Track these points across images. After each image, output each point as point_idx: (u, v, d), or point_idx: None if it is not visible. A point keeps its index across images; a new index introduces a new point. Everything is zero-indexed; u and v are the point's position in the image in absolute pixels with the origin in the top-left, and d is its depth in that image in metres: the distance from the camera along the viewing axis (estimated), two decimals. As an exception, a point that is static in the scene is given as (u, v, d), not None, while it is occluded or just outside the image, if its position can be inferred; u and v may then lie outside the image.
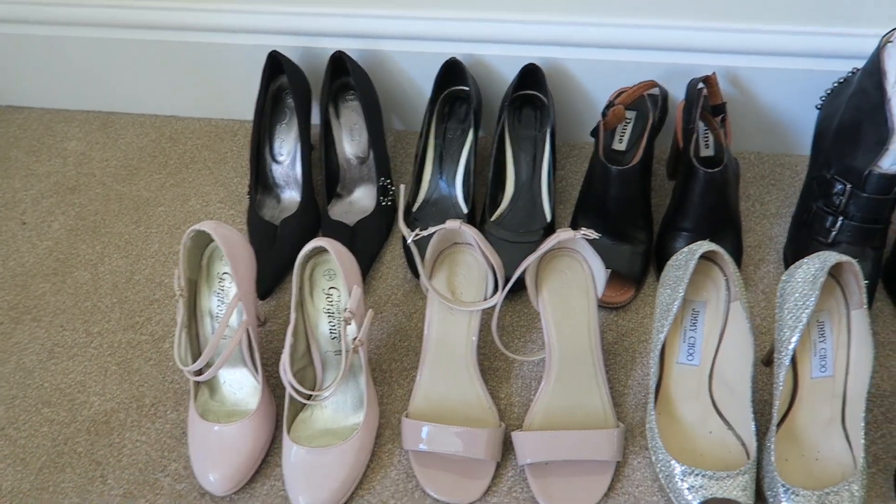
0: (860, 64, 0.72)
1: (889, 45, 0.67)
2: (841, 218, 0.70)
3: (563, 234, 0.63)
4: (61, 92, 1.02)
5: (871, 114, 0.67)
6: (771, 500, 0.58)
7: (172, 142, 0.98)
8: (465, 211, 0.81)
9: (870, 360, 0.58)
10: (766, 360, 0.67)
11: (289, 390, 0.65)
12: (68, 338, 0.80)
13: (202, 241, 0.70)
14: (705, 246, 0.59)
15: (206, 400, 0.71)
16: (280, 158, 0.88)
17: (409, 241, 0.67)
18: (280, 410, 0.69)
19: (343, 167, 0.86)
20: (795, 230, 0.77)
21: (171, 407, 0.74)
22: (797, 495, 0.56)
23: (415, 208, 0.83)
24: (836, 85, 0.75)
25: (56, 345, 0.79)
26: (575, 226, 0.80)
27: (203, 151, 0.97)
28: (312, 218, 0.84)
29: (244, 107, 0.97)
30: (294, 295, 0.67)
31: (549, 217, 0.80)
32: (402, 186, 0.74)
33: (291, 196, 0.86)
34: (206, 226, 0.67)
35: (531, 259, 0.65)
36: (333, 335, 0.69)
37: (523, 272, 0.67)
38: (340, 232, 0.81)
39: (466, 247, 0.71)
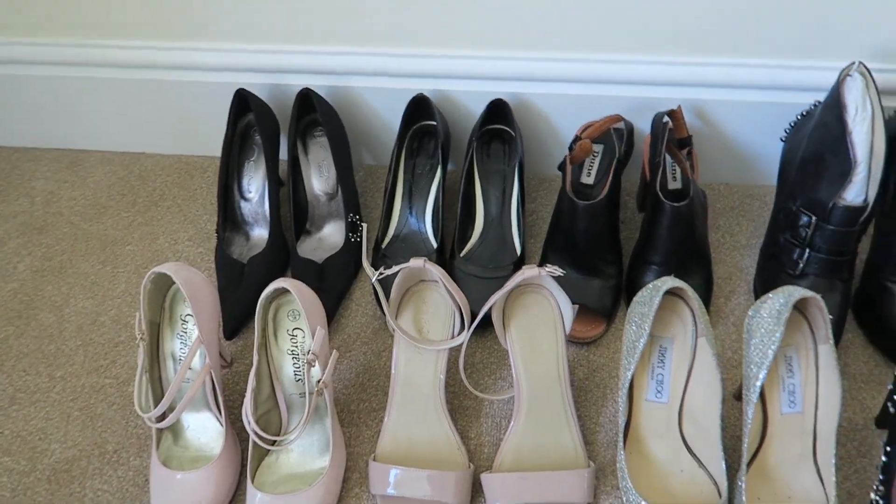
0: (822, 96, 0.72)
1: (848, 78, 0.68)
2: (808, 250, 0.69)
3: (527, 272, 0.63)
4: (28, 130, 1.01)
5: (832, 146, 0.68)
6: (744, 540, 0.57)
7: (142, 179, 0.97)
8: (435, 246, 0.81)
9: (838, 395, 0.57)
10: (737, 395, 0.67)
11: (252, 437, 0.63)
12: (31, 383, 0.78)
13: (164, 283, 0.69)
14: (669, 282, 0.59)
15: (170, 446, 0.69)
16: (248, 195, 0.87)
17: (372, 280, 0.66)
18: (246, 455, 0.68)
19: (312, 203, 0.86)
20: (764, 261, 0.76)
21: (134, 453, 0.72)
22: (770, 536, 0.55)
23: (384, 244, 0.82)
24: (799, 117, 0.75)
25: (18, 390, 0.77)
26: (544, 260, 0.80)
27: (172, 189, 0.96)
28: (281, 255, 0.83)
29: (213, 143, 0.96)
30: (257, 336, 0.66)
31: (518, 251, 0.80)
32: (364, 225, 0.73)
33: (260, 234, 0.85)
34: (166, 268, 0.66)
35: (496, 297, 0.65)
36: (298, 377, 0.68)
37: (489, 309, 0.66)
38: (308, 269, 0.80)
39: (433, 284, 0.70)
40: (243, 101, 0.84)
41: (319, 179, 0.86)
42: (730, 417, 0.66)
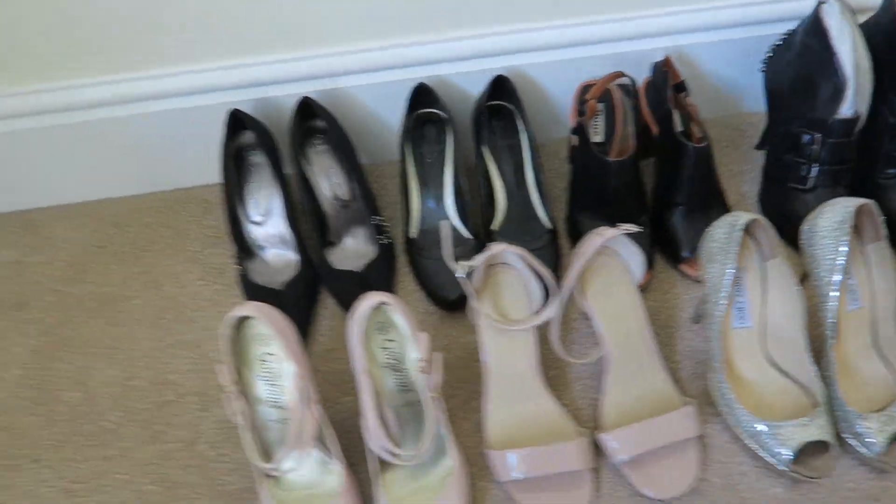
0: (792, 26, 0.80)
1: (823, 5, 0.75)
2: (815, 165, 0.77)
3: (607, 233, 0.66)
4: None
5: (820, 68, 0.75)
6: (846, 430, 0.64)
7: (117, 227, 0.89)
8: (465, 232, 0.81)
9: (892, 286, 0.65)
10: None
11: (385, 456, 0.62)
12: (84, 470, 0.71)
13: (239, 327, 0.65)
14: (744, 217, 0.64)
15: (275, 492, 0.66)
16: (257, 219, 0.82)
17: (461, 275, 0.66)
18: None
19: (329, 214, 0.83)
20: (768, 183, 0.84)
21: (232, 512, 0.68)
22: (867, 420, 0.62)
23: (415, 238, 0.81)
24: (775, 47, 0.82)
25: (72, 482, 0.70)
26: (574, 221, 0.83)
27: (157, 230, 0.88)
28: (312, 272, 0.81)
29: (184, 174, 0.90)
30: (360, 357, 0.64)
31: (546, 220, 0.82)
32: (445, 223, 0.71)
33: (279, 255, 0.82)
34: (245, 310, 0.62)
35: (579, 264, 0.67)
36: (405, 388, 0.67)
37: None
38: (350, 280, 0.78)
39: (502, 266, 0.71)
40: (238, 122, 0.79)
41: (331, 188, 0.83)
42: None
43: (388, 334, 0.67)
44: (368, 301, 0.63)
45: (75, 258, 0.86)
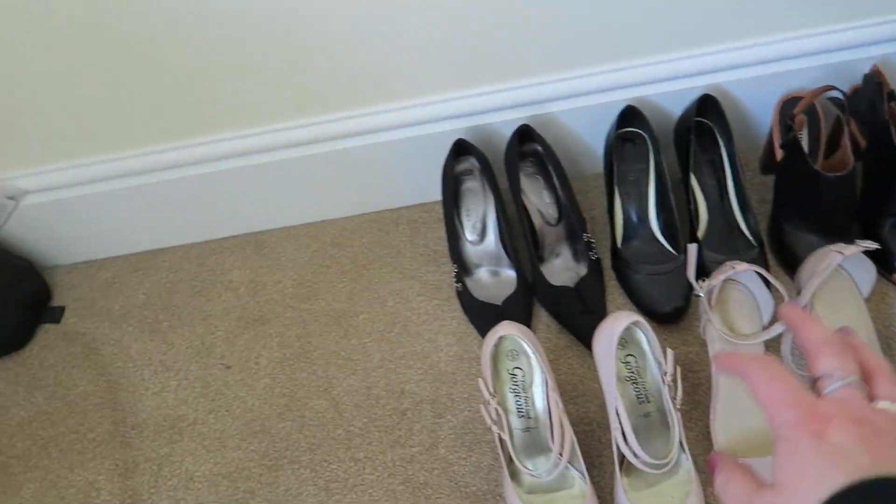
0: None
1: None
2: None
3: (847, 250, 0.67)
4: (202, 224, 0.99)
5: None
6: None
7: (337, 247, 0.97)
8: (670, 248, 0.84)
9: None
10: None
11: (636, 463, 0.66)
12: (338, 471, 0.79)
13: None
14: None
15: (521, 495, 0.71)
16: (472, 238, 0.88)
17: (700, 293, 0.70)
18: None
19: (540, 233, 0.88)
20: None
21: (478, 511, 0.74)
22: None
23: (624, 253, 0.85)
24: None
25: (329, 481, 0.78)
26: (781, 234, 0.84)
27: (374, 249, 0.96)
28: (528, 288, 0.86)
29: (396, 196, 0.98)
30: (611, 370, 0.68)
31: (749, 234, 0.84)
32: (693, 247, 0.75)
33: (493, 272, 0.87)
34: (507, 330, 0.68)
35: (818, 281, 0.69)
36: (640, 399, 0.71)
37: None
38: (566, 295, 0.83)
39: (730, 282, 0.74)
40: (460, 149, 0.85)
41: (543, 208, 0.88)
42: None
43: (628, 349, 0.71)
44: (622, 320, 0.67)
45: (303, 277, 0.95)
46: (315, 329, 0.90)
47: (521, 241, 0.88)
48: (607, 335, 0.67)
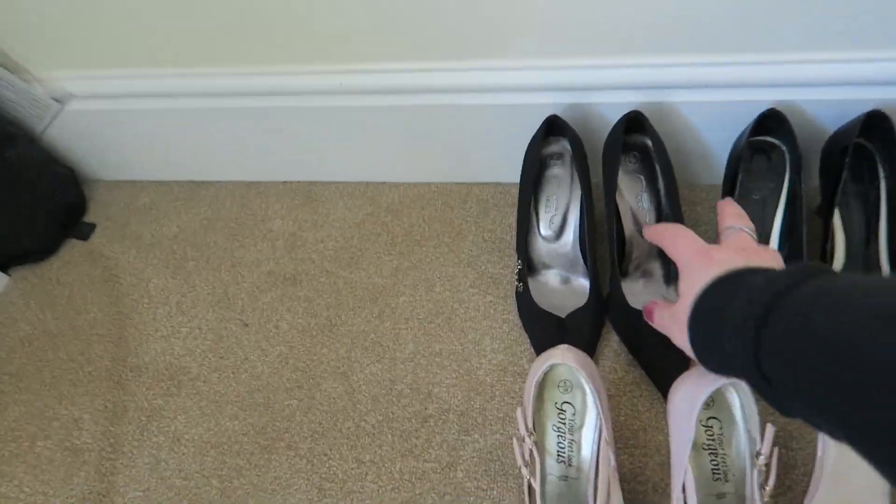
0: None
1: None
2: None
3: None
4: (253, 163, 0.90)
5: None
6: None
7: (393, 214, 0.86)
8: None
9: None
10: None
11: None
12: (336, 469, 0.67)
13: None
14: None
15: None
16: (547, 234, 0.75)
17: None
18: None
19: (630, 241, 0.73)
20: None
21: (489, 558, 0.61)
22: None
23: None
24: None
25: (324, 479, 0.67)
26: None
27: (433, 224, 0.84)
28: (601, 304, 0.71)
29: (470, 169, 0.85)
30: (689, 431, 0.53)
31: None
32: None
33: (565, 278, 0.73)
34: (562, 356, 0.54)
35: None
36: (717, 476, 0.56)
37: None
38: (648, 324, 0.68)
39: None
40: (552, 127, 0.71)
41: (639, 213, 0.73)
42: None
43: (714, 411, 0.55)
44: (716, 376, 0.52)
45: (349, 241, 0.84)
46: (348, 301, 0.78)
47: (603, 247, 0.73)
48: (692, 390, 0.52)
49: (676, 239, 0.51)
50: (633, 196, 0.73)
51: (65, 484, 0.70)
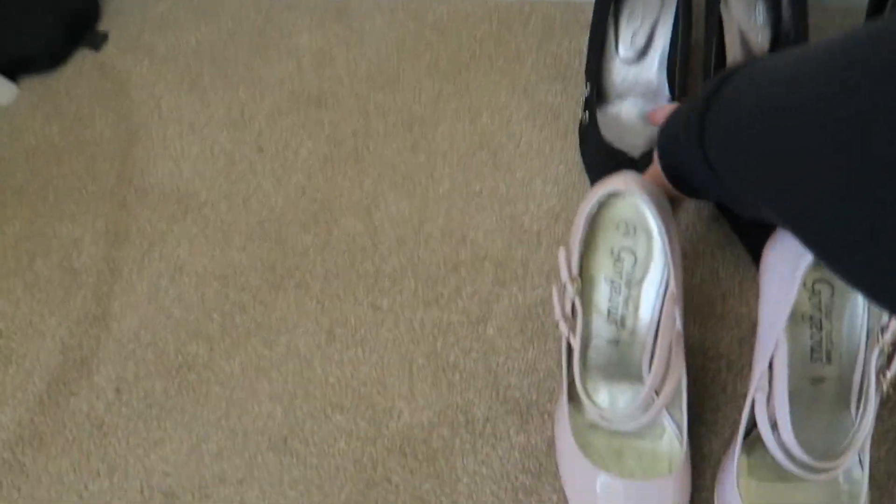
0: None
1: None
2: None
3: None
4: (283, -33, 0.77)
5: None
6: None
7: (439, 32, 0.72)
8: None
9: None
10: None
11: (781, 458, 0.40)
12: (350, 314, 0.58)
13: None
14: None
15: (579, 428, 0.48)
16: (627, 55, 0.60)
17: None
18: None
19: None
20: None
21: (514, 426, 0.52)
22: None
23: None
24: None
25: (335, 323, 0.58)
26: None
27: (486, 45, 0.70)
28: (682, 145, 0.57)
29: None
30: (788, 304, 0.41)
31: None
32: None
33: (641, 110, 0.59)
34: (625, 182, 0.41)
35: None
36: (818, 357, 0.44)
37: None
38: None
39: None
40: None
41: (750, 33, 0.57)
42: None
43: (821, 272, 0.42)
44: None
45: (385, 61, 0.71)
46: (378, 129, 0.67)
47: (697, 75, 0.58)
48: (796, 245, 0.39)
49: (665, 112, 0.46)
50: (744, 9, 0.57)
51: (62, 305, 0.64)
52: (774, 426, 0.39)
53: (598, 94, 0.60)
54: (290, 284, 0.61)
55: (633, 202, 0.44)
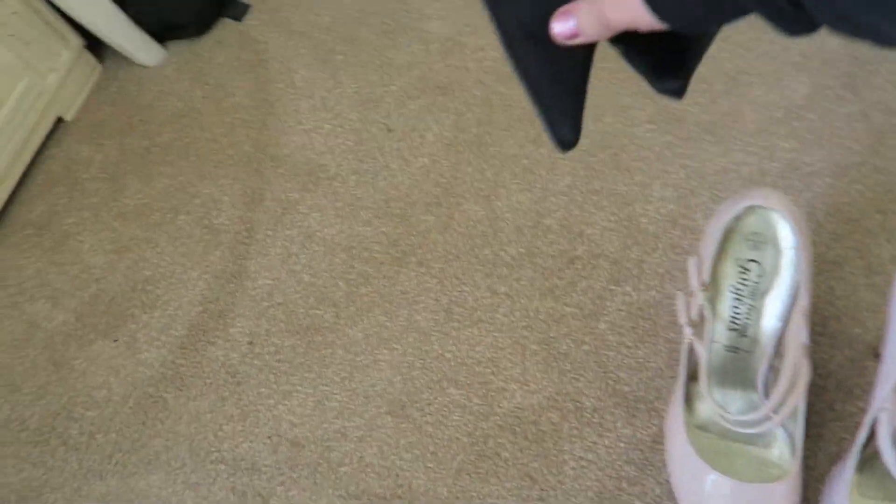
0: None
1: None
2: None
3: None
4: (418, -48, 0.79)
5: None
6: None
7: (567, 28, 0.74)
8: None
9: None
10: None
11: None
12: (468, 295, 0.62)
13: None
14: None
15: (691, 427, 0.51)
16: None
17: None
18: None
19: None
20: None
21: (622, 419, 0.55)
22: None
23: None
24: None
25: (453, 302, 0.62)
26: None
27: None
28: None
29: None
30: None
31: None
32: None
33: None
34: (762, 198, 0.43)
35: None
36: None
37: None
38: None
39: None
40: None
41: None
42: None
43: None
44: None
45: (512, 53, 0.74)
46: (501, 120, 0.70)
47: None
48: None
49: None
50: None
51: (202, 259, 0.71)
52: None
53: (727, 104, 0.61)
54: (413, 261, 0.65)
55: (767, 216, 0.45)
